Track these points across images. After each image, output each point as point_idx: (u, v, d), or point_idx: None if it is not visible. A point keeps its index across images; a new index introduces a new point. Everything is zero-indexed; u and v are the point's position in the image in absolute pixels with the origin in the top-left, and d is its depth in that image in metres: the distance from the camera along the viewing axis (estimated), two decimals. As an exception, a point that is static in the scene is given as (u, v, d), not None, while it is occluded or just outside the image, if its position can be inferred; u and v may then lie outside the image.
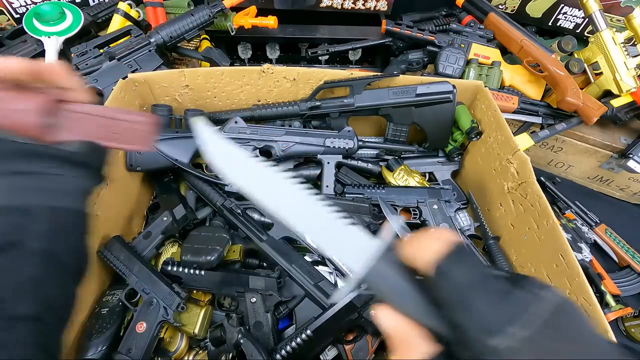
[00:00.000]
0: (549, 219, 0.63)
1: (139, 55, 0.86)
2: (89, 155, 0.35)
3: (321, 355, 0.64)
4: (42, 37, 0.90)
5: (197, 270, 0.67)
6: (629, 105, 1.00)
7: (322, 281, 0.68)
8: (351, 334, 0.66)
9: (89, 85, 0.81)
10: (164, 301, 0.63)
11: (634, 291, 0.88)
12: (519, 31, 1.04)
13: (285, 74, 0.83)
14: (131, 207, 0.79)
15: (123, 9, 0.96)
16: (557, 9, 1.12)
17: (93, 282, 0.66)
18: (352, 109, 0.84)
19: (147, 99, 0.83)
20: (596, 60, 0.98)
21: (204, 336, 0.66)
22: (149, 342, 0.60)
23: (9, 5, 1.00)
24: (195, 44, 1.06)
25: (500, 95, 0.96)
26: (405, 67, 1.09)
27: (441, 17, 1.19)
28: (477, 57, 1.02)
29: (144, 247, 0.71)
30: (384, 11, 1.18)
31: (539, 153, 1.10)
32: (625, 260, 0.92)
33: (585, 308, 0.54)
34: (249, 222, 0.75)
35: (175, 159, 0.76)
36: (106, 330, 0.60)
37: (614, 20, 1.09)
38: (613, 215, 1.02)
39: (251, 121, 0.85)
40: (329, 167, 0.83)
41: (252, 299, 0.66)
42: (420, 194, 0.79)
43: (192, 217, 0.77)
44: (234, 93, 0.87)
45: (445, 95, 0.82)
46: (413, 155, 0.93)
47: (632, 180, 1.06)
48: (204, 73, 0.82)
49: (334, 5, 1.15)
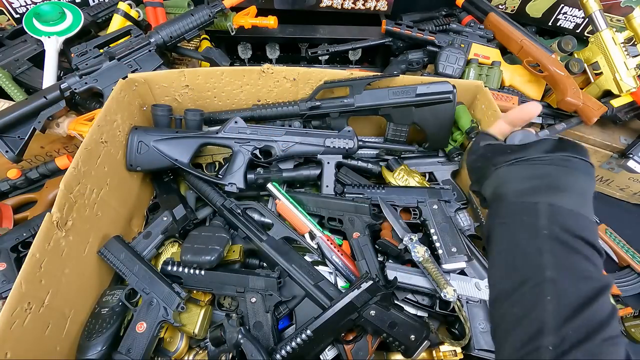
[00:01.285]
0: (549, 219, 0.62)
1: (139, 55, 0.86)
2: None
3: (321, 355, 0.64)
4: (42, 37, 0.90)
5: (197, 270, 0.67)
6: (629, 105, 1.00)
7: (322, 281, 0.68)
8: (351, 334, 0.66)
9: (89, 85, 0.81)
10: (164, 301, 0.63)
11: (634, 291, 0.88)
12: (519, 31, 1.04)
13: (285, 74, 0.83)
14: (131, 207, 0.79)
15: (123, 9, 0.96)
16: (557, 9, 1.12)
17: (93, 282, 0.66)
18: (352, 109, 0.84)
19: (147, 99, 0.83)
20: (596, 60, 0.98)
21: (204, 336, 0.66)
22: (149, 342, 0.60)
23: (9, 5, 1.00)
24: (195, 44, 1.05)
25: (500, 95, 0.96)
26: (405, 67, 1.09)
27: (441, 17, 1.19)
28: (477, 57, 1.02)
29: (144, 247, 0.71)
30: (384, 11, 1.18)
31: (539, 153, 1.10)
32: (625, 260, 0.92)
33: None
34: (249, 222, 0.75)
35: (175, 159, 0.76)
36: (106, 330, 0.60)
37: (614, 20, 1.09)
38: (613, 215, 1.02)
39: (251, 121, 0.85)
40: (329, 167, 0.83)
41: (252, 299, 0.66)
42: (420, 194, 0.79)
43: (192, 217, 0.77)
44: (234, 93, 0.86)
45: (445, 95, 0.82)
46: (413, 155, 0.93)
47: (632, 180, 1.06)
48: (204, 73, 0.82)
49: (334, 5, 1.15)
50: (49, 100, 0.78)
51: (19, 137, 0.77)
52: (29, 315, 0.49)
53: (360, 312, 0.62)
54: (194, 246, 0.68)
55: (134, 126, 0.77)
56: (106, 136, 0.69)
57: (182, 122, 0.84)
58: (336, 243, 0.75)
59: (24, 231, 0.73)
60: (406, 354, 0.63)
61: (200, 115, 0.82)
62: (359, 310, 0.62)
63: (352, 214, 0.76)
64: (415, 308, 0.70)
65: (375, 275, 0.69)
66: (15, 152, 0.76)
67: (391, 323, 0.62)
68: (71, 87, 0.80)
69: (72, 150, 0.94)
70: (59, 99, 0.79)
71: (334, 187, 0.82)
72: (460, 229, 0.77)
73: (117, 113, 0.73)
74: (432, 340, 0.65)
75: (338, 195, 0.82)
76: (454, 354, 0.63)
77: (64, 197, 0.57)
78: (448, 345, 0.64)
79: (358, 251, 0.73)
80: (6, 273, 0.68)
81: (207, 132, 0.80)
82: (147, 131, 0.77)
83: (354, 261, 0.73)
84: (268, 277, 0.67)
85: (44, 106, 0.78)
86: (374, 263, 0.71)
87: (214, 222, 0.79)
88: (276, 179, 0.82)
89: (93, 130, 0.66)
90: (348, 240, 0.76)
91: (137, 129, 0.77)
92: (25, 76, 0.91)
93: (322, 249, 0.74)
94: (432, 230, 0.73)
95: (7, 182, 0.86)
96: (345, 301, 0.61)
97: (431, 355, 0.65)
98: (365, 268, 0.70)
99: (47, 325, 0.53)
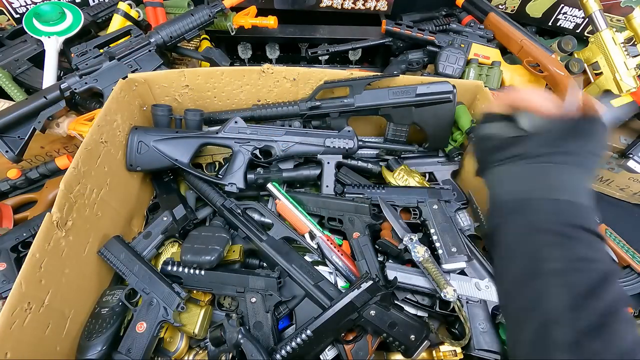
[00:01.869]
0: (549, 219, 0.62)
1: (139, 55, 0.86)
2: None
3: (321, 355, 0.64)
4: (42, 37, 0.90)
5: (197, 270, 0.67)
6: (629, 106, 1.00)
7: (322, 281, 0.68)
8: (351, 334, 0.66)
9: (89, 85, 0.81)
10: (164, 301, 0.63)
11: (634, 291, 0.88)
12: (519, 31, 1.04)
13: (285, 74, 0.83)
14: (131, 207, 0.79)
15: (123, 9, 0.96)
16: (557, 9, 1.12)
17: (93, 282, 0.66)
18: (352, 109, 0.84)
19: (147, 99, 0.83)
20: (596, 60, 0.98)
21: (204, 336, 0.66)
22: (149, 342, 0.60)
23: (9, 5, 1.00)
24: (195, 44, 1.05)
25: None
26: (405, 67, 1.09)
27: (441, 17, 1.19)
28: (477, 57, 1.02)
29: (144, 247, 0.71)
30: (384, 11, 1.18)
31: (539, 153, 1.10)
32: (625, 260, 0.91)
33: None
34: (249, 222, 0.75)
35: (175, 159, 0.76)
36: (106, 330, 0.60)
37: (614, 20, 1.09)
38: (613, 215, 1.01)
39: (251, 121, 0.85)
40: (329, 167, 0.83)
41: (252, 299, 0.66)
42: (420, 194, 0.79)
43: (192, 217, 0.77)
44: (234, 93, 0.86)
45: (445, 95, 0.82)
46: (413, 155, 0.93)
47: (632, 180, 1.06)
48: (204, 73, 0.82)
49: (334, 5, 1.15)
50: (49, 100, 0.78)
51: (19, 137, 0.77)
52: (29, 315, 0.49)
53: (360, 312, 0.62)
54: (194, 246, 0.68)
55: (134, 126, 0.77)
56: (106, 136, 0.69)
57: (182, 122, 0.84)
58: (336, 243, 0.75)
59: (24, 231, 0.73)
60: (406, 354, 0.63)
61: (200, 115, 0.82)
62: (359, 310, 0.62)
63: (352, 214, 0.76)
64: (415, 308, 0.70)
65: (375, 275, 0.69)
66: (15, 152, 0.76)
67: (391, 323, 0.62)
68: (71, 87, 0.80)
69: (72, 150, 0.94)
70: (59, 99, 0.79)
71: (334, 187, 0.82)
72: (460, 229, 0.77)
73: (117, 113, 0.73)
74: (432, 340, 0.65)
75: (338, 195, 0.82)
76: (454, 354, 0.63)
77: (64, 197, 0.57)
78: (448, 345, 0.64)
79: (358, 251, 0.73)
80: (6, 273, 0.68)
81: (207, 132, 0.80)
82: (147, 131, 0.77)
83: (354, 261, 0.73)
84: (268, 277, 0.67)
85: (44, 106, 0.78)
86: (374, 263, 0.71)
87: (214, 222, 0.79)
88: (276, 179, 0.82)
89: (93, 130, 0.66)
90: (348, 240, 0.76)
91: (137, 129, 0.77)
92: (25, 76, 0.91)
93: (322, 249, 0.74)
94: (432, 230, 0.73)
95: (7, 182, 0.86)
96: (345, 301, 0.61)
97: (431, 355, 0.65)
98: (365, 268, 0.70)
99: (47, 325, 0.53)
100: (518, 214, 0.38)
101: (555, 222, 0.35)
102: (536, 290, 0.33)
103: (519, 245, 0.37)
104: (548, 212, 0.36)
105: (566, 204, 0.36)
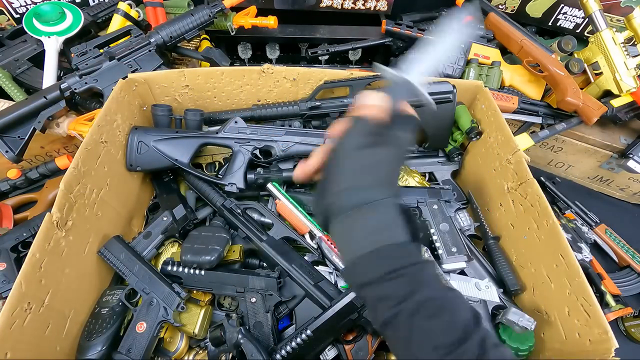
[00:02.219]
0: (549, 219, 0.63)
1: (139, 55, 0.86)
2: None
3: (321, 355, 0.64)
4: (42, 37, 0.90)
5: (197, 270, 0.67)
6: (629, 105, 1.00)
7: (322, 281, 0.68)
8: (351, 334, 0.66)
9: (89, 85, 0.81)
10: (164, 301, 0.63)
11: (634, 291, 0.88)
12: (519, 31, 1.04)
13: (285, 74, 0.83)
14: (131, 207, 0.79)
15: (123, 9, 0.96)
16: (557, 9, 1.12)
17: (93, 282, 0.66)
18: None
19: (147, 99, 0.83)
20: (596, 60, 0.98)
21: (204, 336, 0.66)
22: (149, 342, 0.60)
23: (9, 5, 1.00)
24: (195, 44, 1.05)
25: (500, 95, 0.96)
26: (406, 67, 1.09)
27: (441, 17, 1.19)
28: (477, 57, 1.02)
29: (144, 247, 0.71)
30: (384, 11, 1.18)
31: (539, 153, 1.10)
32: (625, 260, 0.92)
33: (585, 308, 0.54)
34: (249, 222, 0.75)
35: (175, 159, 0.76)
36: (106, 330, 0.60)
37: (614, 20, 1.09)
38: (613, 215, 1.02)
39: (251, 121, 0.85)
40: (329, 167, 0.82)
41: (252, 299, 0.66)
42: (420, 194, 0.79)
43: (192, 217, 0.77)
44: (234, 93, 0.86)
45: (445, 95, 0.82)
46: (413, 155, 0.93)
47: (632, 180, 1.06)
48: (204, 73, 0.82)
49: (334, 5, 1.15)
50: (49, 100, 0.78)
51: (19, 137, 0.77)
52: (29, 315, 0.49)
53: (360, 312, 0.62)
54: (194, 246, 0.68)
55: (134, 126, 0.77)
56: (106, 136, 0.69)
57: (182, 122, 0.84)
58: (336, 243, 0.75)
59: (24, 231, 0.73)
60: (406, 354, 0.63)
61: (200, 115, 0.82)
62: (359, 310, 0.62)
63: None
64: (415, 308, 0.69)
65: (375, 275, 0.68)
66: (15, 152, 0.76)
67: (391, 323, 0.62)
68: (71, 87, 0.80)
69: (72, 150, 0.94)
70: (59, 99, 0.79)
71: (334, 187, 0.82)
72: (460, 229, 0.77)
73: (117, 113, 0.73)
74: (432, 340, 0.65)
75: (338, 195, 0.82)
76: (454, 354, 0.63)
77: (64, 197, 0.57)
78: (448, 345, 0.64)
79: (358, 251, 0.72)
80: (6, 273, 0.68)
81: (207, 132, 0.80)
82: (147, 131, 0.77)
83: (354, 261, 0.73)
84: (268, 277, 0.67)
85: (44, 106, 0.78)
86: (374, 263, 0.71)
87: (214, 222, 0.79)
88: (276, 179, 0.82)
89: (93, 130, 0.66)
90: (348, 240, 0.76)
91: (137, 129, 0.77)
92: (25, 76, 0.91)
93: (322, 249, 0.74)
94: (432, 230, 0.73)
95: (7, 182, 0.86)
96: (345, 301, 0.61)
97: (431, 355, 0.65)
98: (365, 268, 0.70)
99: (47, 325, 0.53)
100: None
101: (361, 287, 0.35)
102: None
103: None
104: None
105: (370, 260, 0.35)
